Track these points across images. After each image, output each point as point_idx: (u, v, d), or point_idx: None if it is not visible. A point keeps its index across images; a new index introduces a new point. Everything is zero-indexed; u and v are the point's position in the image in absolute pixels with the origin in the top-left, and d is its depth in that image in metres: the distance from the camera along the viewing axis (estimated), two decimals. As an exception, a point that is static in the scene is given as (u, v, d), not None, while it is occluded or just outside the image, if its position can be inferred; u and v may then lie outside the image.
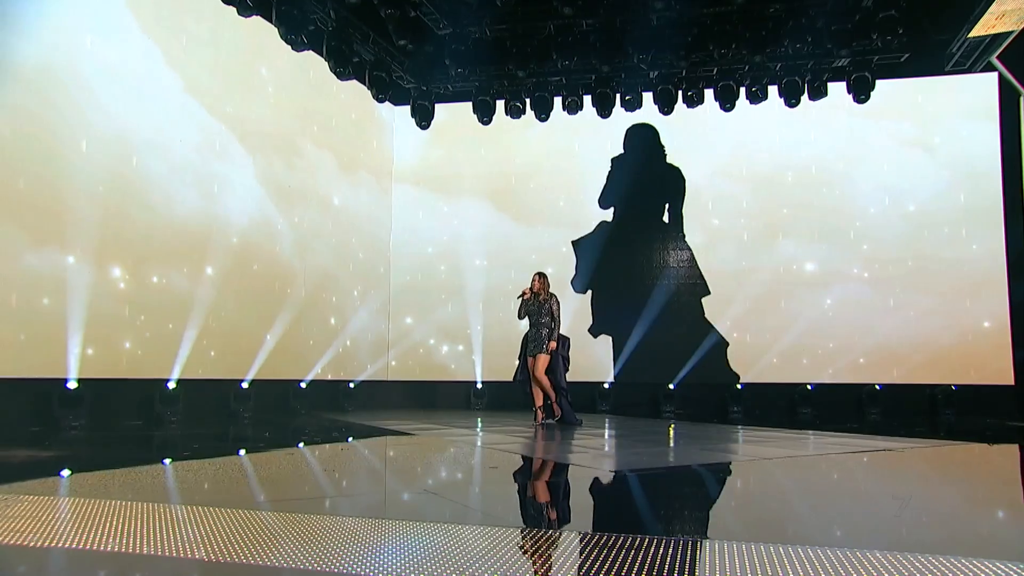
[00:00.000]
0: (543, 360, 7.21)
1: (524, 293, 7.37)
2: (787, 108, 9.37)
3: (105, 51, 6.46)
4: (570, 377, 7.76)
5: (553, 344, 7.21)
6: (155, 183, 6.98)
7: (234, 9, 7.67)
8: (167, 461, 4.42)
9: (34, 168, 5.86)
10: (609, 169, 10.87)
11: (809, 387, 9.93)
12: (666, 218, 10.93)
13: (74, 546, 2.07)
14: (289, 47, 7.99)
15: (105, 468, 4.09)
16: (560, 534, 2.23)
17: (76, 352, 5.89)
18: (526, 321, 7.54)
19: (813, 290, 10.28)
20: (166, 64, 7.16)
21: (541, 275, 7.43)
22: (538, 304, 7.28)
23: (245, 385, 7.93)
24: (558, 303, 7.39)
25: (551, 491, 3.27)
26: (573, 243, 10.76)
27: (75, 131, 6.17)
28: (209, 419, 7.51)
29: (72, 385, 5.96)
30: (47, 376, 5.86)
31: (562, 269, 10.84)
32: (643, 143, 10.93)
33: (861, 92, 8.69)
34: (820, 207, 10.39)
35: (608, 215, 10.85)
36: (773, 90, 9.52)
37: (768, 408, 10.05)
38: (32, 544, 2.08)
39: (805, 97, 9.18)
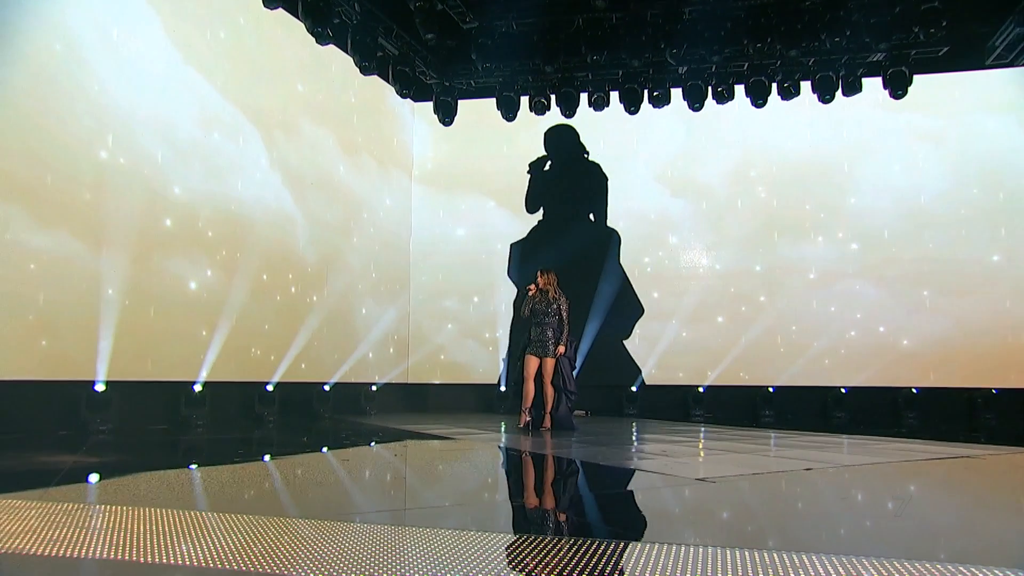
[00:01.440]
0: (551, 364, 6.86)
1: (530, 289, 7.02)
2: (821, 104, 9.29)
3: (128, 47, 6.41)
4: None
5: (562, 349, 6.87)
6: (180, 181, 6.92)
7: (259, 1, 7.64)
8: (225, 467, 4.35)
9: (61, 166, 5.81)
10: (529, 172, 10.95)
11: (843, 390, 9.82)
12: (592, 216, 10.99)
13: (113, 557, 1.98)
14: (292, 47, 7.91)
15: (145, 472, 4.02)
16: (717, 551, 2.06)
17: (106, 353, 5.83)
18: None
19: (846, 291, 10.18)
20: (185, 62, 7.10)
21: (547, 271, 7.03)
22: (546, 302, 6.90)
23: (270, 388, 7.86)
24: (568, 304, 7.01)
25: (660, 501, 3.12)
26: (512, 246, 10.75)
27: (102, 127, 6.12)
28: (235, 422, 7.46)
29: (100, 388, 5.91)
30: (75, 378, 5.81)
31: (585, 268, 10.78)
32: (564, 144, 11.03)
33: (898, 87, 8.60)
34: (850, 206, 10.30)
35: (539, 216, 10.95)
36: (805, 86, 9.44)
37: (801, 412, 9.94)
38: (69, 555, 1.99)
39: (839, 93, 9.09)
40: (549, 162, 10.95)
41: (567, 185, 10.98)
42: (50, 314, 5.63)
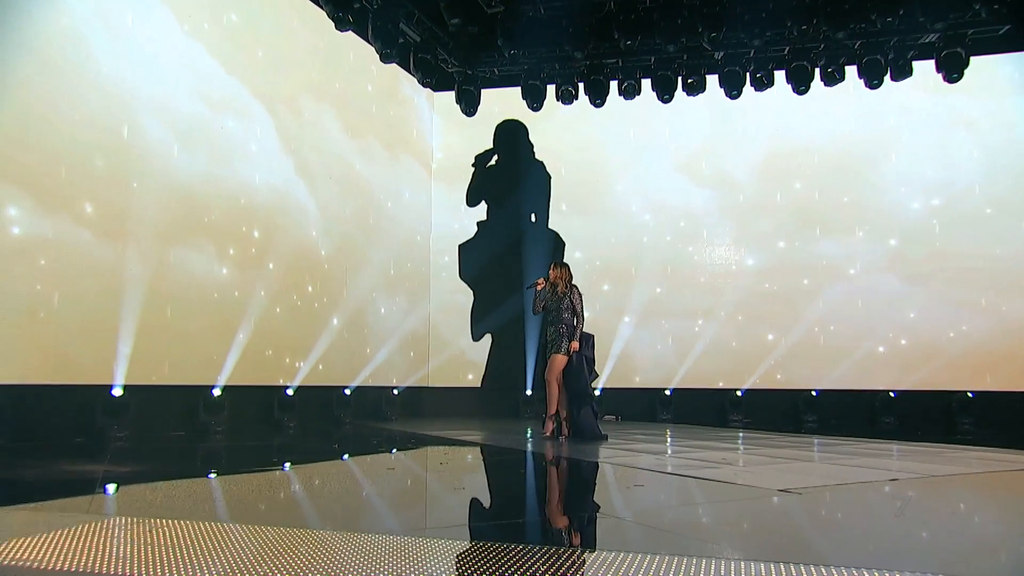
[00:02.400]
0: (559, 362, 6.39)
1: (538, 283, 6.62)
2: (868, 89, 9.00)
3: (150, 45, 6.24)
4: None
5: (575, 344, 6.40)
6: (197, 176, 6.75)
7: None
8: (270, 476, 4.15)
9: (75, 159, 5.64)
10: (473, 166, 10.80)
11: (892, 394, 9.53)
12: (533, 218, 10.81)
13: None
14: (307, 38, 7.73)
15: (189, 480, 3.83)
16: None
17: (125, 356, 5.66)
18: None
19: (890, 289, 9.88)
20: (208, 53, 6.93)
21: (559, 264, 6.66)
22: (556, 297, 6.50)
23: (290, 392, 7.67)
24: (580, 296, 6.57)
25: (754, 515, 2.90)
26: (460, 247, 10.60)
27: (117, 118, 5.95)
28: (255, 428, 7.28)
29: (117, 392, 5.73)
30: (91, 382, 5.63)
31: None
32: (514, 140, 10.85)
33: (953, 70, 8.31)
34: (888, 199, 10.00)
35: (482, 214, 10.83)
36: (850, 71, 9.16)
37: (847, 417, 9.66)
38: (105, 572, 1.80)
39: (887, 78, 8.81)
40: (495, 156, 10.81)
41: (511, 183, 10.79)
42: (64, 314, 5.45)
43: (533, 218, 10.80)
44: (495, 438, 6.88)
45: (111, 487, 3.62)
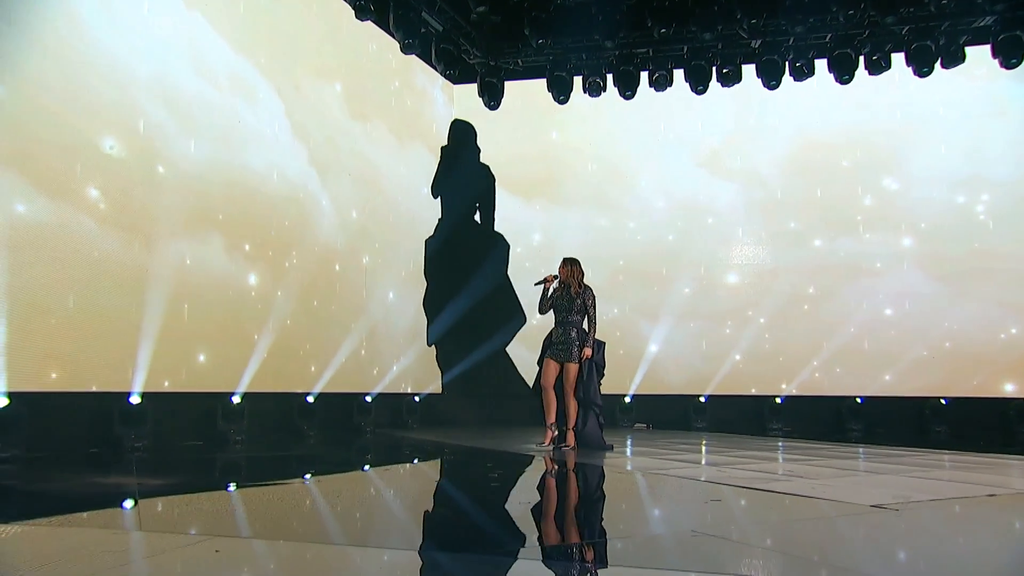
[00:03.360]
0: (574, 371, 6.04)
1: (547, 280, 6.18)
2: (917, 78, 8.76)
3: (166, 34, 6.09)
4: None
5: (588, 351, 6.03)
6: (216, 173, 6.59)
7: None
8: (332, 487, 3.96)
9: (90, 152, 5.48)
10: (439, 160, 10.54)
11: (943, 401, 9.25)
12: (478, 217, 10.70)
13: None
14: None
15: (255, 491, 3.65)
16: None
17: (143, 361, 5.50)
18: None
19: (933, 291, 9.61)
20: (213, 30, 6.78)
21: (571, 261, 6.19)
22: (568, 297, 6.08)
23: (311, 399, 7.50)
24: (594, 298, 6.14)
25: (851, 534, 2.69)
26: (426, 241, 10.15)
27: (133, 114, 5.80)
28: (275, 437, 7.11)
29: (135, 400, 5.56)
30: (108, 389, 5.47)
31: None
32: (467, 138, 10.82)
33: (1012, 55, 8.06)
34: (932, 199, 9.73)
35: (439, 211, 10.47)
36: (897, 58, 8.92)
37: (894, 425, 9.40)
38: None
39: (938, 64, 8.56)
40: (455, 155, 10.63)
41: (462, 181, 10.64)
42: (79, 318, 5.29)
43: (478, 219, 10.69)
44: (532, 448, 6.67)
45: (167, 503, 3.45)
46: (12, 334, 4.76)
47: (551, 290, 6.19)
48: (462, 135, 10.82)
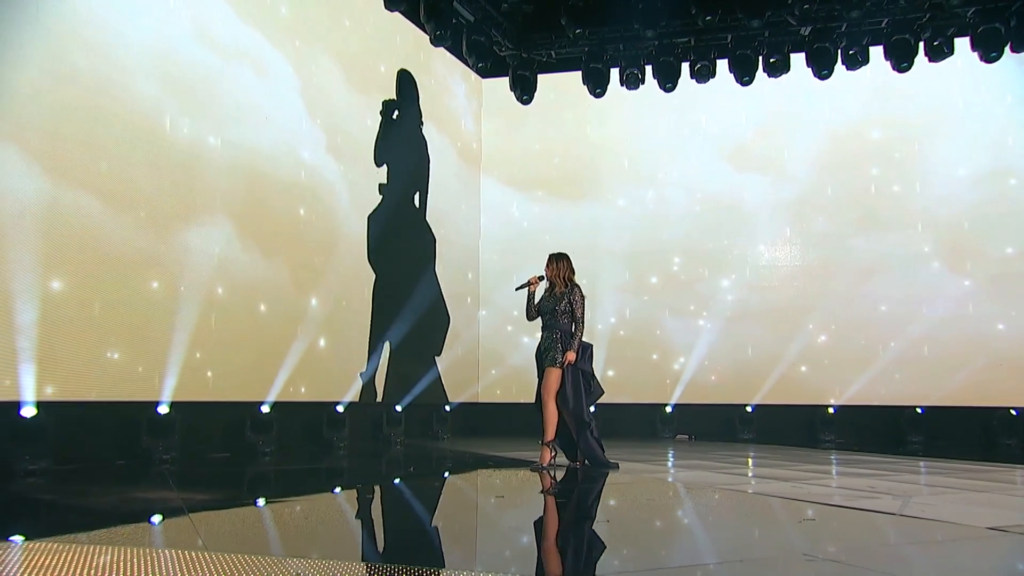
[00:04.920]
0: (554, 377, 5.55)
1: (531, 282, 5.71)
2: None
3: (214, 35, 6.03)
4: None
5: (571, 355, 5.55)
6: (240, 169, 6.52)
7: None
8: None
9: (120, 149, 5.42)
10: (380, 117, 8.55)
11: (1013, 412, 8.96)
12: (416, 202, 9.24)
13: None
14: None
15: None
16: None
17: (172, 370, 5.42)
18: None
19: (1004, 296, 9.34)
20: (242, 22, 6.71)
21: (557, 257, 5.72)
22: (553, 298, 5.64)
23: (340, 409, 7.39)
24: (583, 297, 5.66)
25: (985, 562, 2.53)
26: (368, 218, 8.24)
27: (159, 111, 5.73)
28: (304, 448, 7.03)
29: (163, 410, 5.48)
30: (136, 399, 5.40)
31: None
32: (413, 98, 9.17)
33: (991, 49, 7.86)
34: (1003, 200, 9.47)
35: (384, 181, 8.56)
36: (961, 43, 8.68)
37: (958, 437, 9.13)
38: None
39: (1008, 49, 8.31)
40: (397, 111, 8.80)
41: (407, 151, 9.04)
42: (106, 325, 5.22)
43: (416, 203, 9.23)
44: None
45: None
46: (40, 345, 4.69)
47: (536, 293, 5.73)
48: (410, 88, 9.13)
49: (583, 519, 3.78)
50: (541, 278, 5.72)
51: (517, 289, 5.79)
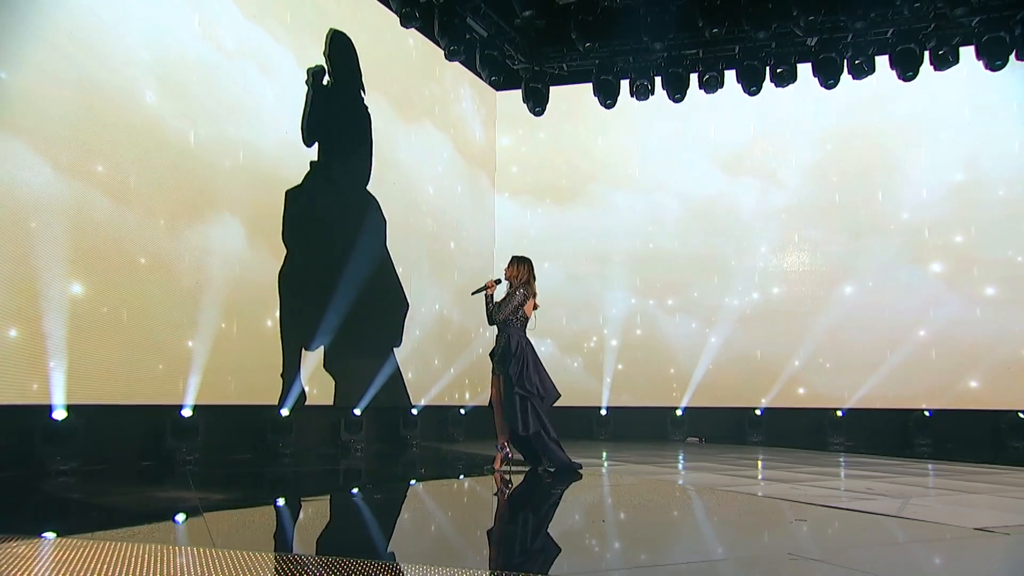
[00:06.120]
0: (499, 383, 5.43)
1: (488, 286, 5.49)
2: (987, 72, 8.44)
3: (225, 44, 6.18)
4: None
5: (491, 283, 5.37)
6: (264, 180, 6.65)
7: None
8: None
9: (151, 152, 5.57)
10: (308, 87, 7.28)
11: (1021, 415, 8.84)
12: (357, 173, 8.05)
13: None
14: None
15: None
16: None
17: (195, 374, 5.54)
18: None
19: (1008, 301, 9.21)
20: (276, 41, 6.86)
21: (520, 260, 5.54)
22: (506, 300, 5.44)
23: (358, 412, 7.48)
24: (524, 295, 5.40)
25: (971, 562, 2.53)
26: (286, 193, 6.94)
27: (185, 115, 5.88)
28: (322, 450, 7.13)
29: (187, 412, 5.60)
30: (160, 402, 5.53)
31: (698, 277, 10.15)
32: (350, 61, 7.92)
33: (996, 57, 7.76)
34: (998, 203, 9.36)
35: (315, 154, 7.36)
36: (966, 51, 8.61)
37: (965, 440, 9.01)
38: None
39: (1012, 57, 8.23)
40: (328, 78, 7.55)
41: (345, 119, 7.90)
42: (133, 332, 5.36)
43: (357, 174, 8.08)
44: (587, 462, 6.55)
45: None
46: (71, 350, 4.83)
47: (496, 296, 5.51)
48: (346, 52, 7.90)
49: (569, 517, 3.81)
50: (498, 281, 5.55)
51: (474, 293, 5.58)
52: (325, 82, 7.53)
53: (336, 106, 7.69)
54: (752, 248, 10.16)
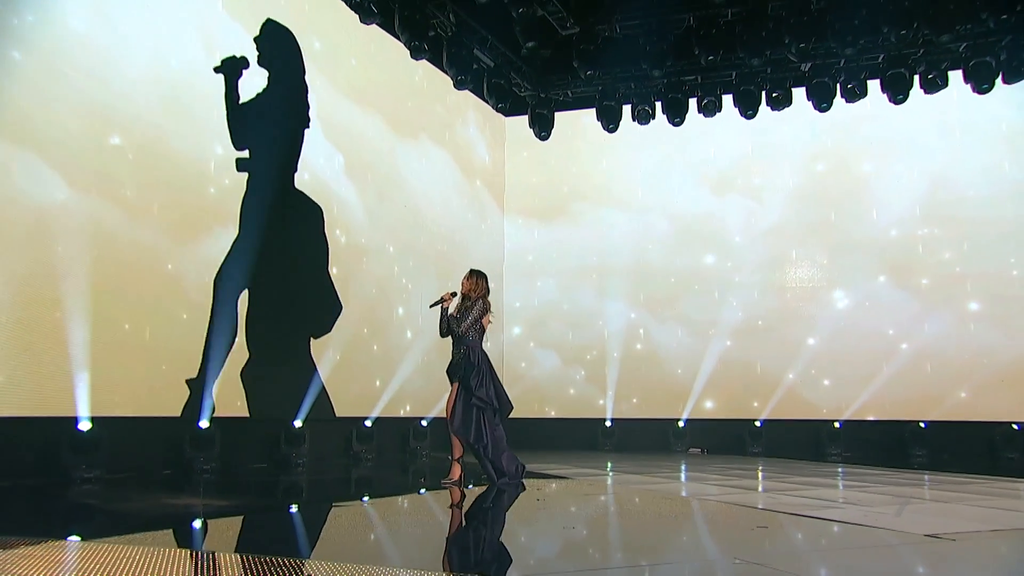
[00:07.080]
0: (455, 392, 5.35)
1: (444, 298, 5.44)
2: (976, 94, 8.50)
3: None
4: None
5: (447, 295, 5.36)
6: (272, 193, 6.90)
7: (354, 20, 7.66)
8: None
9: (176, 173, 5.85)
10: (220, 71, 6.47)
11: (1015, 426, 8.80)
12: (297, 177, 7.29)
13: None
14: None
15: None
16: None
17: (212, 388, 5.78)
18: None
19: (998, 315, 9.19)
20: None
21: (478, 274, 5.55)
22: (462, 311, 5.43)
23: (368, 423, 7.68)
24: (482, 309, 5.42)
25: (893, 564, 2.63)
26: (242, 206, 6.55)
27: (204, 137, 6.16)
28: (334, 461, 7.32)
29: (204, 424, 5.84)
30: (179, 415, 5.76)
31: (699, 292, 10.26)
32: (282, 52, 7.18)
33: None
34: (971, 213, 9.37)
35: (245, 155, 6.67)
36: (954, 76, 8.69)
37: (961, 451, 8.99)
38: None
39: (999, 81, 8.30)
40: (246, 69, 6.63)
41: (276, 115, 7.09)
42: (154, 347, 5.61)
43: (297, 177, 7.27)
44: (590, 473, 6.67)
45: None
46: (94, 364, 5.07)
47: (449, 309, 5.47)
48: (283, 42, 7.18)
49: (543, 526, 3.92)
50: (454, 294, 5.50)
51: (431, 306, 5.53)
52: (241, 74, 6.59)
53: (265, 102, 6.88)
54: (751, 264, 10.24)
